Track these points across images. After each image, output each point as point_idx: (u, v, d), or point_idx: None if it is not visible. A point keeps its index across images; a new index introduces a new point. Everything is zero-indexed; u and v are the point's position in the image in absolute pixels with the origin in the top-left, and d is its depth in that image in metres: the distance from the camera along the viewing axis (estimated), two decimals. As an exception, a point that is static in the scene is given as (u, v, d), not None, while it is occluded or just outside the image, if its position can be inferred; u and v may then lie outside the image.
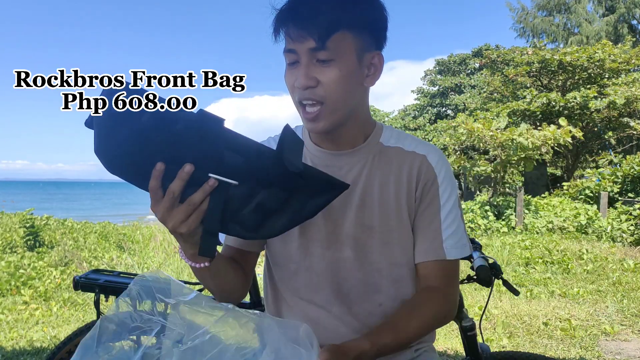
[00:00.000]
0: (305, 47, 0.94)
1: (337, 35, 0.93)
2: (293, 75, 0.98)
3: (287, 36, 0.97)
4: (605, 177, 11.22)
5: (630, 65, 14.23)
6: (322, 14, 0.93)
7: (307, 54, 0.94)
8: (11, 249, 7.73)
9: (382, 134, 1.11)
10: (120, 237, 8.99)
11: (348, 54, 0.96)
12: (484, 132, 10.47)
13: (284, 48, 0.98)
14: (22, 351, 3.44)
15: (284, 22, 0.96)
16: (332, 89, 0.95)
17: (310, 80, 0.95)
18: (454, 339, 3.60)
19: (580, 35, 25.21)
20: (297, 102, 0.99)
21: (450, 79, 27.79)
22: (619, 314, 4.23)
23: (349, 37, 0.95)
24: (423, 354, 1.15)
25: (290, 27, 0.95)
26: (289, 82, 1.00)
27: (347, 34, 0.95)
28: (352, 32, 0.95)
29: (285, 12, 0.97)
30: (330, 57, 0.94)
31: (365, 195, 1.05)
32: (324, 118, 0.98)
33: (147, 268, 6.04)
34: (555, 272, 5.88)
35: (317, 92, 0.96)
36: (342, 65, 0.95)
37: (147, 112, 0.76)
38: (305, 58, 0.95)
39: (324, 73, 0.95)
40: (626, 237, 8.16)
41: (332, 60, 0.94)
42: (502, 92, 17.02)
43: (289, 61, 0.99)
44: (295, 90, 0.98)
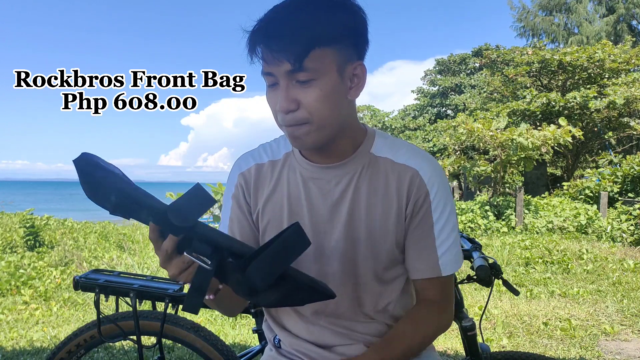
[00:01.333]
0: (282, 70, 0.89)
1: (314, 53, 0.87)
2: (274, 98, 0.94)
3: (262, 59, 0.91)
4: (605, 177, 11.22)
5: (630, 65, 14.23)
6: (295, 32, 0.87)
7: (285, 76, 0.90)
8: (11, 249, 7.74)
9: (374, 143, 1.06)
10: (120, 237, 8.99)
11: (328, 70, 0.90)
12: (484, 132, 10.47)
13: (261, 71, 0.93)
14: (22, 351, 3.44)
15: (256, 45, 0.90)
16: (315, 109, 0.91)
17: (291, 103, 0.91)
18: (454, 339, 3.60)
19: (580, 35, 25.21)
20: (279, 125, 0.97)
21: (450, 79, 27.79)
22: (619, 314, 4.23)
23: (328, 53, 0.89)
24: (423, 352, 1.15)
25: (264, 50, 0.90)
26: (271, 104, 0.96)
27: (325, 49, 0.89)
28: (330, 47, 0.89)
29: (256, 34, 0.90)
30: (310, 77, 0.89)
31: (354, 208, 1.03)
32: (310, 136, 0.94)
33: (147, 268, 6.04)
34: (555, 272, 5.88)
35: (300, 115, 0.92)
36: (323, 83, 0.90)
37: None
38: (283, 81, 0.90)
39: (305, 94, 0.90)
40: (626, 237, 8.16)
41: (312, 80, 0.89)
42: (502, 92, 17.02)
43: (269, 83, 0.94)
44: (278, 114, 0.94)
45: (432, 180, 1.03)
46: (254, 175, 1.09)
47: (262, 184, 1.08)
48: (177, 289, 1.72)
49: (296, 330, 1.10)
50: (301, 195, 1.05)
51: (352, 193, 1.04)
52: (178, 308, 1.77)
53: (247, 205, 1.10)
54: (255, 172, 1.09)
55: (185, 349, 2.95)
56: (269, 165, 1.09)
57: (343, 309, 1.06)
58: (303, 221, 1.04)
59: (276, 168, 1.09)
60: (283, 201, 1.06)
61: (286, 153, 1.10)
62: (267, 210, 1.07)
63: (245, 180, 1.09)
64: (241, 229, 1.09)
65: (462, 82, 27.41)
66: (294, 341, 1.09)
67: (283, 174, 1.08)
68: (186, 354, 3.23)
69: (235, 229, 1.09)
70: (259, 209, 1.08)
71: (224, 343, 1.76)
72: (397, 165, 1.04)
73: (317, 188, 1.05)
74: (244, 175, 1.10)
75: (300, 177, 1.06)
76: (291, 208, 1.05)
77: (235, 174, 1.11)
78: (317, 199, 1.05)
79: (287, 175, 1.07)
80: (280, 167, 1.09)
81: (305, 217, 1.05)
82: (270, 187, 1.08)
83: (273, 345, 1.15)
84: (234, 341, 3.62)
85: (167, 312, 1.68)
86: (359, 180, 1.04)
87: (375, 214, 1.03)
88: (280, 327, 1.12)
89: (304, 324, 1.08)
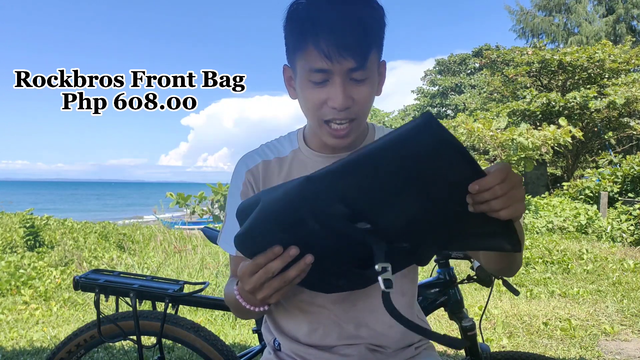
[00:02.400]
0: (344, 67, 0.91)
1: (371, 55, 0.93)
2: (322, 94, 0.94)
3: (321, 54, 0.90)
4: (605, 177, 11.22)
5: (630, 65, 14.24)
6: (363, 32, 0.90)
7: (344, 74, 0.92)
8: (11, 249, 7.74)
9: (375, 134, 1.12)
10: (120, 237, 8.99)
11: (374, 69, 0.97)
12: (484, 132, 10.48)
13: (311, 64, 0.92)
14: (22, 351, 3.44)
15: (319, 37, 0.89)
16: (363, 106, 0.96)
17: (348, 100, 0.94)
18: (454, 339, 3.60)
19: (580, 36, 25.21)
20: (322, 120, 0.97)
21: (450, 79, 27.81)
22: (619, 314, 4.23)
23: (375, 54, 0.95)
24: (423, 352, 1.15)
25: (329, 42, 0.89)
26: (315, 99, 0.95)
27: (375, 52, 0.95)
28: (377, 51, 0.96)
29: (318, 28, 0.89)
30: (365, 77, 0.94)
31: None
32: (352, 133, 0.99)
33: (147, 268, 6.04)
34: (555, 272, 5.88)
35: (352, 111, 0.95)
36: (372, 82, 0.96)
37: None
38: (340, 78, 0.92)
39: (358, 92, 0.94)
40: (626, 237, 8.16)
41: (366, 79, 0.94)
42: (502, 92, 17.02)
43: (318, 80, 0.93)
44: (326, 109, 0.95)
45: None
46: (261, 171, 1.09)
47: (270, 180, 1.08)
48: (177, 289, 1.72)
49: (295, 332, 1.09)
50: None
51: None
52: (178, 308, 1.77)
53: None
54: (263, 169, 1.09)
55: (185, 349, 2.95)
56: (276, 161, 1.10)
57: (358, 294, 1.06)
58: None
59: (284, 164, 1.09)
60: None
61: (293, 150, 1.10)
62: None
63: (253, 177, 1.09)
64: None
65: (462, 82, 27.43)
66: (294, 345, 1.09)
67: (293, 170, 1.08)
68: (186, 354, 3.23)
69: None
70: None
71: (224, 343, 1.75)
72: None
73: None
74: (252, 172, 1.09)
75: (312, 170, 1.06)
76: None
77: (242, 171, 1.10)
78: None
79: (297, 170, 1.08)
80: (289, 163, 1.09)
81: None
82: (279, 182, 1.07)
83: (272, 348, 1.15)
84: (234, 341, 3.62)
85: (167, 312, 1.68)
86: None
87: None
88: (279, 331, 1.12)
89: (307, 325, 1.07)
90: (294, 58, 0.97)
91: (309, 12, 0.91)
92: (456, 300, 1.67)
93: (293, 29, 0.94)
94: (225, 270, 5.52)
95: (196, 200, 9.12)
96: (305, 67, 0.94)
